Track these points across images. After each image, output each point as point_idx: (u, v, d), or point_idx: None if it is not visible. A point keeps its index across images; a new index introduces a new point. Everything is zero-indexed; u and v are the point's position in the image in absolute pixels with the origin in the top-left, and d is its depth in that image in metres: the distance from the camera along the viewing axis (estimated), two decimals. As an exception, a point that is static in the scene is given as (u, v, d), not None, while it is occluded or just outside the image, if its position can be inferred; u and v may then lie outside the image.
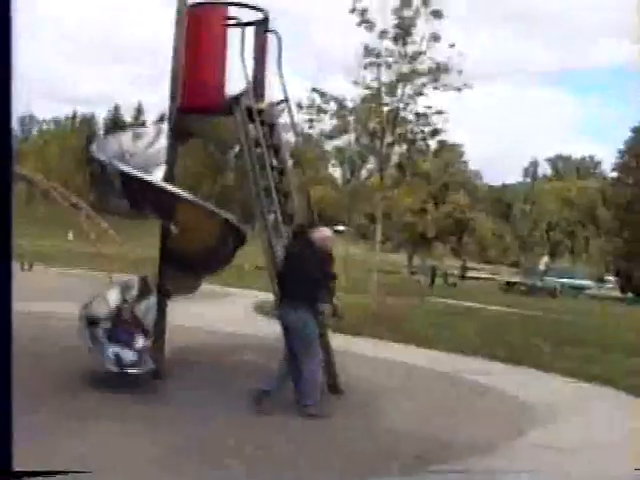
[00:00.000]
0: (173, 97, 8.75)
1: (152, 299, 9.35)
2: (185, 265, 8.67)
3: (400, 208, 63.15)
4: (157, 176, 8.78)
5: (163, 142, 9.22)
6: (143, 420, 6.91)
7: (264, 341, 11.54)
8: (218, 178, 74.40)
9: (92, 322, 8.47)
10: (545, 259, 51.69)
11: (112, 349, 7.78)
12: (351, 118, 23.44)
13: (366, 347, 12.58)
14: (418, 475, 5.85)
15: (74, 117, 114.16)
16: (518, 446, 6.86)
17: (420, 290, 35.47)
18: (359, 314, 15.16)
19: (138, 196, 8.38)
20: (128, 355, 7.74)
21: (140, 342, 7.98)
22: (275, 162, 9.13)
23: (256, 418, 7.21)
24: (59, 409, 6.86)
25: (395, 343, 13.38)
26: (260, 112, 8.75)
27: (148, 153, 9.43)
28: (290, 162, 10.33)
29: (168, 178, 8.70)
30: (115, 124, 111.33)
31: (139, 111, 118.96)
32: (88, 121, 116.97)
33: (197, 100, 8.68)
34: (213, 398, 7.90)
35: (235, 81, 8.51)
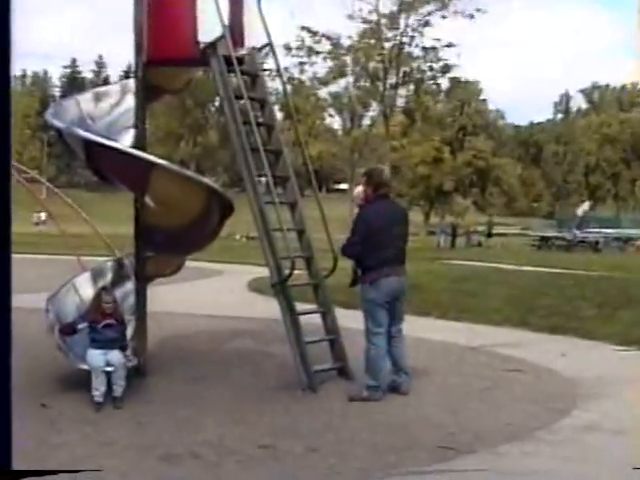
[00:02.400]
0: (138, 48, 8.70)
1: (129, 285, 9.43)
2: (165, 243, 8.69)
3: (411, 159, 63.41)
4: (125, 141, 8.78)
5: (130, 102, 9.20)
6: (124, 425, 7.00)
7: (264, 324, 11.63)
8: (198, 139, 74.32)
9: (62, 317, 8.53)
10: (584, 207, 51.47)
11: (88, 348, 7.84)
12: (348, 58, 23.37)
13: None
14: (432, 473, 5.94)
15: (24, 76, 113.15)
16: (559, 429, 6.94)
17: (439, 252, 35.58)
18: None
19: (105, 166, 8.40)
20: (109, 354, 7.80)
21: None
22: (261, 117, 9.13)
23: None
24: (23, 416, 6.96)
25: (411, 316, 13.46)
26: (240, 60, 8.71)
27: (114, 115, 9.43)
28: (280, 115, 10.32)
29: (138, 143, 8.70)
30: (73, 82, 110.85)
31: (100, 66, 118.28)
32: (41, 80, 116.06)
33: (166, 50, 8.63)
34: (211, 395, 7.98)
35: (209, 26, 8.45)
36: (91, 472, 5.35)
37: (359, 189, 8.83)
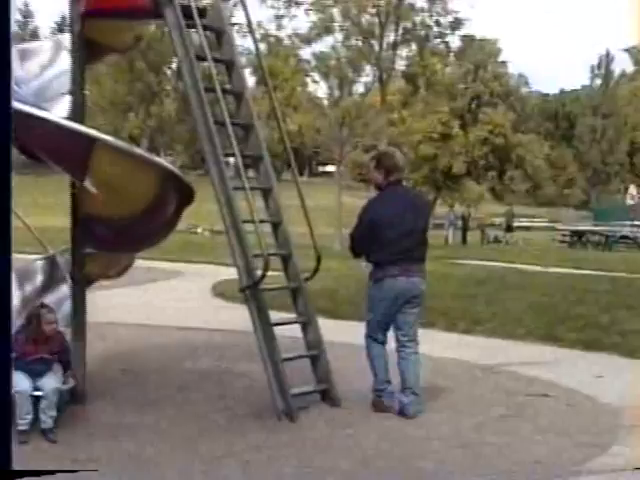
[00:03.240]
0: (75, -5, 8.68)
1: (64, 289, 9.41)
2: (109, 237, 8.68)
3: (413, 135, 63.53)
4: (59, 111, 8.74)
5: (65, 62, 9.16)
6: (57, 462, 6.97)
7: (231, 337, 11.61)
8: (151, 109, 74.16)
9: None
10: (632, 191, 51.40)
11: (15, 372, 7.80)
12: (335, 11, 23.44)
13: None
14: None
15: None
16: (595, 469, 6.93)
17: (447, 250, 35.68)
18: (359, 288, 15.24)
19: (33, 141, 8.33)
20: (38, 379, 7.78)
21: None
22: (229, 83, 9.11)
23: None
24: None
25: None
26: (202, 12, 8.70)
27: (44, 79, 9.38)
28: (252, 81, 10.31)
29: (76, 113, 8.67)
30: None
31: (26, 15, 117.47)
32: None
33: (110, -1, 8.62)
34: (165, 426, 7.96)
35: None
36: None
37: None
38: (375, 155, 9.22)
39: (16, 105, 8.01)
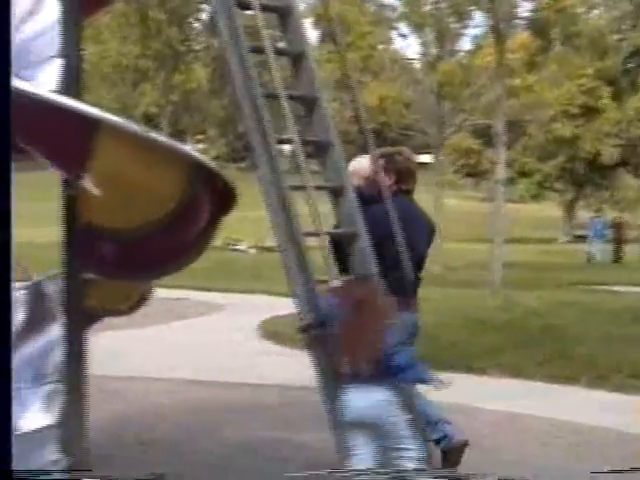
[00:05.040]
0: None
1: (55, 329, 9.48)
2: (117, 257, 8.76)
3: (543, 110, 62.83)
4: (46, 81, 8.88)
5: (53, 12, 9.26)
6: None
7: (288, 395, 11.67)
8: (175, 78, 73.85)
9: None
10: None
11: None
12: None
13: (493, 393, 12.77)
14: None
15: None
16: None
17: (591, 271, 35.44)
18: (471, 327, 15.25)
19: (14, 124, 8.47)
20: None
21: (37, 421, 8.17)
22: (284, 39, 9.18)
23: None
24: None
25: (542, 381, 13.54)
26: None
27: (25, 36, 9.52)
28: (314, 36, 10.42)
29: (68, 84, 8.75)
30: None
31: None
32: None
33: None
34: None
35: None
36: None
37: (360, 162, 9.20)
38: (384, 153, 9.33)
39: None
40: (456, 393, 8.79)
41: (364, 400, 7.71)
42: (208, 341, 17.69)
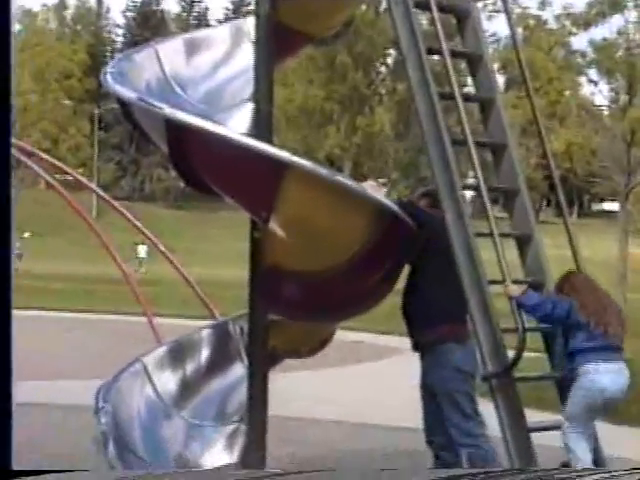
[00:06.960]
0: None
1: (238, 369, 9.48)
2: (301, 298, 8.78)
3: None
4: (237, 124, 8.93)
5: (247, 56, 9.30)
6: None
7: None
8: (358, 120, 74.21)
9: (122, 424, 8.70)
10: None
11: None
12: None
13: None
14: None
15: (62, 8, 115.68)
16: None
17: None
18: None
19: (201, 164, 8.47)
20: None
21: (219, 459, 8.18)
22: (472, 85, 9.14)
23: None
24: None
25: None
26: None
27: (218, 79, 9.58)
28: (502, 81, 10.34)
29: (259, 127, 8.80)
30: (146, 21, 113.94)
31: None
32: (91, 14, 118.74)
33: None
34: None
35: None
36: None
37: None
38: (429, 191, 9.45)
39: (179, 116, 8.21)
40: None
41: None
42: (384, 385, 17.41)
